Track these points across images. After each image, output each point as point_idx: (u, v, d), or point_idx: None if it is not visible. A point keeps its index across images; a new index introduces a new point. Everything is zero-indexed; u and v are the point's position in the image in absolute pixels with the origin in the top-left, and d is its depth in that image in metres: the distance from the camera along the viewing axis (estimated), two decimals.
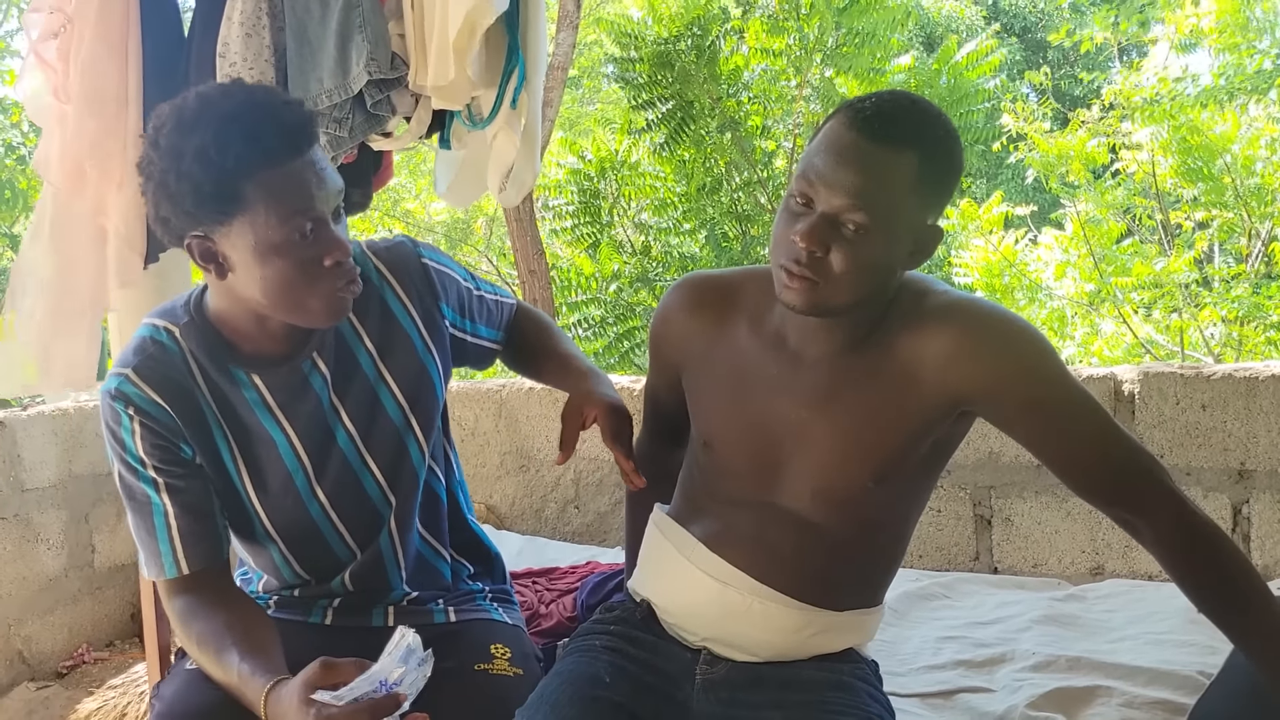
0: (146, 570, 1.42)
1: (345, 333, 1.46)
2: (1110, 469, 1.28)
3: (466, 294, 1.58)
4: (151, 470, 1.37)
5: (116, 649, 2.96)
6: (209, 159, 1.22)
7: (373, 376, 1.47)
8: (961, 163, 1.32)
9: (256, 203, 1.24)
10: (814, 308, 1.26)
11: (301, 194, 1.26)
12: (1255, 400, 2.45)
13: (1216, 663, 1.66)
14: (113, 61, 2.09)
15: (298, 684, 1.19)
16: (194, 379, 1.39)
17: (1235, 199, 6.67)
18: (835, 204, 1.21)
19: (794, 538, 1.35)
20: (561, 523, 3.18)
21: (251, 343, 1.40)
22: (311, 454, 1.45)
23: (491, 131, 2.21)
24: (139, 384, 1.37)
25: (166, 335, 1.40)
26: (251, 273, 1.28)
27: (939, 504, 2.77)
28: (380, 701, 1.16)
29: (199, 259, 1.30)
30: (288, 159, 1.26)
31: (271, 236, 1.26)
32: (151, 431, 1.37)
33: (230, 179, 1.23)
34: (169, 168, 1.24)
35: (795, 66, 6.89)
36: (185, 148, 1.23)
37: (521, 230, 6.20)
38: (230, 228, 1.26)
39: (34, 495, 2.77)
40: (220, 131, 1.22)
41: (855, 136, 1.22)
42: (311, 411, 1.44)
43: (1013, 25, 15.04)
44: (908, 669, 1.90)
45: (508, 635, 1.56)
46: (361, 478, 1.48)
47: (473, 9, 1.91)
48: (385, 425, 1.48)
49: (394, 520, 1.51)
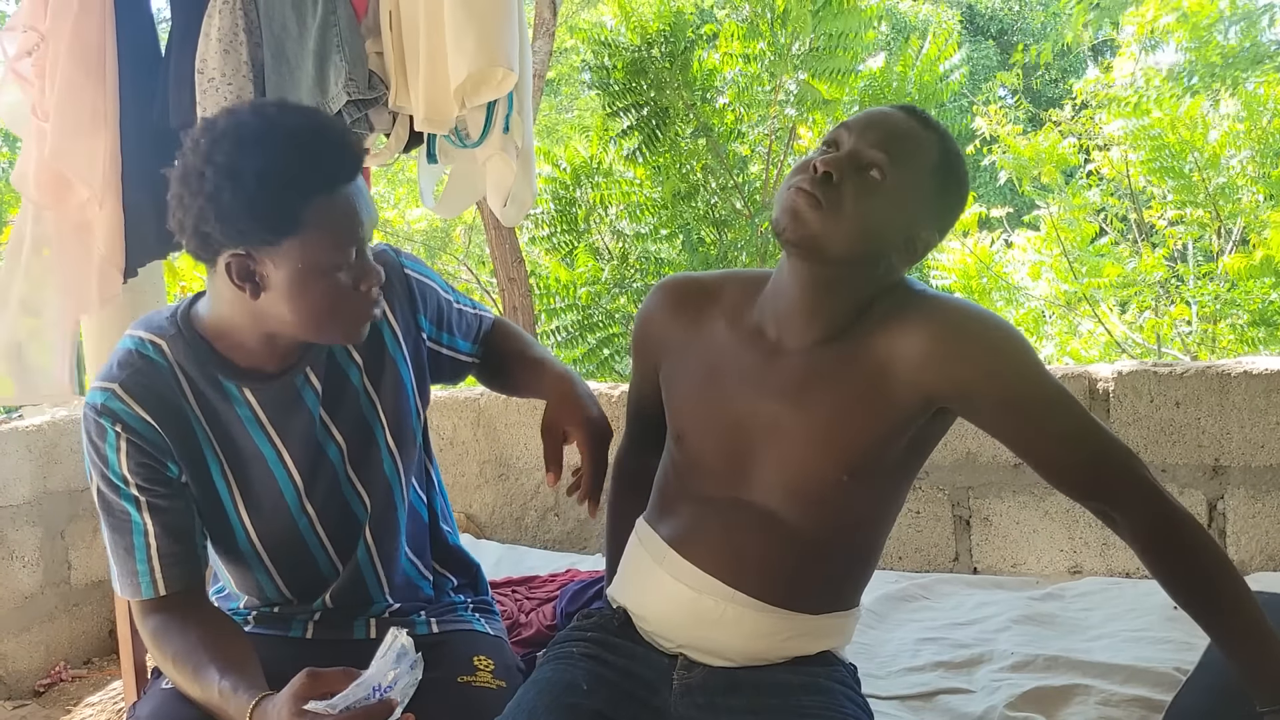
0: (120, 589, 1.39)
1: (336, 348, 1.45)
2: (1087, 463, 1.29)
3: (445, 306, 1.57)
4: (134, 489, 1.35)
5: (94, 666, 2.94)
6: (270, 180, 1.21)
7: (360, 390, 1.46)
8: (967, 189, 1.39)
9: (311, 227, 1.24)
10: (809, 238, 1.26)
11: (353, 220, 1.28)
12: (1228, 397, 2.47)
13: (1193, 659, 1.68)
14: (88, 81, 2.08)
15: (286, 697, 1.18)
16: (183, 394, 1.37)
17: (1205, 197, 6.73)
18: (864, 143, 1.28)
19: (766, 538, 1.35)
20: (542, 531, 3.18)
21: (248, 357, 1.38)
22: (303, 469, 1.43)
23: (484, 155, 2.22)
24: (126, 400, 1.33)
25: (153, 349, 1.37)
26: (288, 294, 1.27)
27: (917, 505, 2.78)
28: (373, 708, 1.15)
29: (235, 277, 1.27)
30: (344, 184, 1.27)
31: (320, 261, 1.26)
32: (138, 449, 1.34)
33: (290, 202, 1.22)
34: (224, 185, 1.21)
35: (770, 71, 6.91)
36: (245, 166, 1.21)
37: (500, 238, 6.20)
38: (279, 249, 1.25)
39: (8, 512, 2.75)
40: (285, 153, 1.22)
41: (890, 110, 1.34)
42: (304, 427, 1.42)
43: (988, 28, 15.15)
44: (887, 671, 1.91)
45: (490, 647, 1.55)
46: (345, 492, 1.47)
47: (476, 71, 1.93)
48: (369, 439, 1.47)
49: (369, 531, 1.49)
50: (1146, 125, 6.67)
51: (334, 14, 1.96)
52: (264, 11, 2.02)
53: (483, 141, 2.15)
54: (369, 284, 1.32)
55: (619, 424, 1.63)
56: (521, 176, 2.19)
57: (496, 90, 2.00)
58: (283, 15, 2.00)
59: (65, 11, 2.06)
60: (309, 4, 1.98)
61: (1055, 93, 12.82)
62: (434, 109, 2.01)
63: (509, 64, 1.94)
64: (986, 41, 14.65)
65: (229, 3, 2.01)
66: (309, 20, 1.98)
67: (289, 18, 2.00)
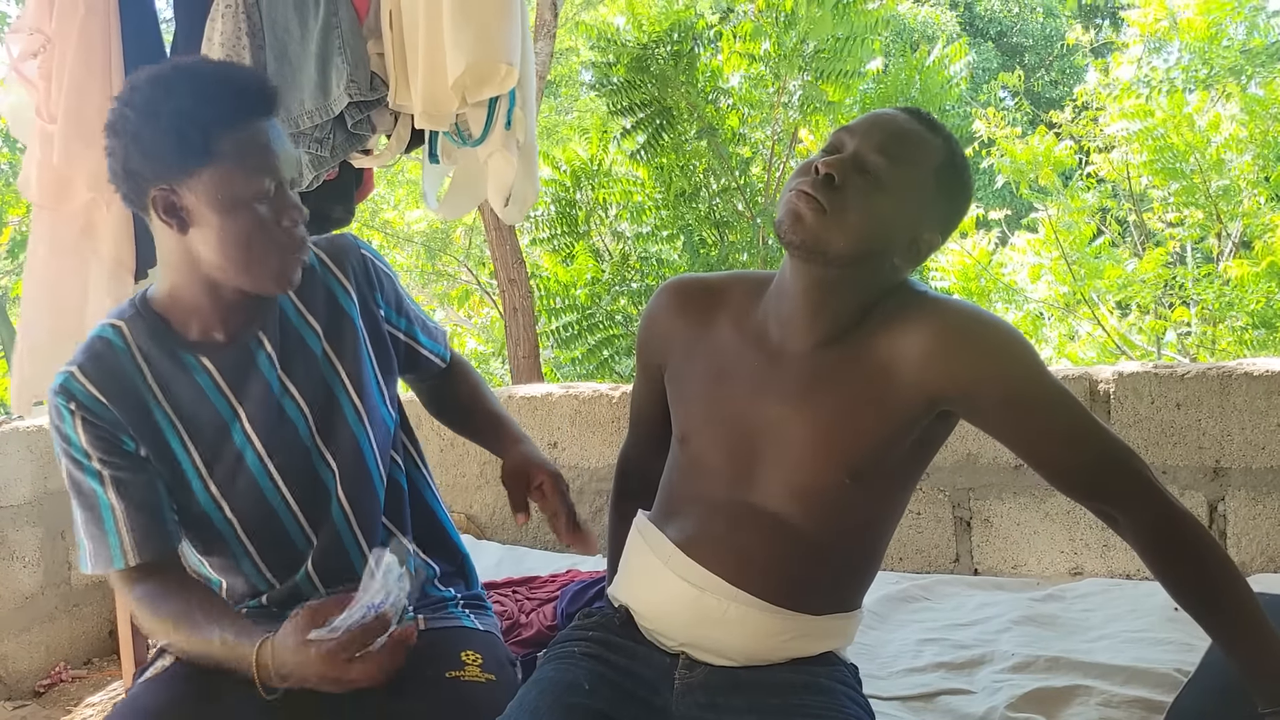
0: (92, 564, 1.42)
1: (290, 314, 1.50)
2: (1089, 463, 1.29)
3: (403, 295, 1.63)
4: (96, 463, 1.39)
5: (94, 667, 2.94)
6: (185, 111, 1.30)
7: (320, 355, 1.50)
8: (971, 191, 1.39)
9: (226, 155, 1.32)
10: (812, 239, 1.27)
11: (267, 152, 1.35)
12: (1229, 398, 2.48)
13: (1193, 660, 1.68)
14: (95, 83, 2.09)
15: (289, 629, 1.24)
16: (140, 373, 1.43)
17: (1206, 199, 6.74)
18: (867, 146, 1.28)
19: (770, 540, 1.35)
20: (542, 532, 3.18)
21: (199, 322, 1.43)
22: (263, 434, 1.47)
23: (485, 153, 2.21)
24: (82, 380, 1.40)
25: (113, 331, 1.44)
26: (212, 226, 1.34)
27: (918, 506, 2.78)
28: (369, 625, 1.21)
29: (161, 212, 1.34)
30: (257, 118, 1.35)
31: (236, 189, 1.33)
32: (92, 425, 1.39)
33: (205, 130, 1.31)
34: (145, 121, 1.31)
35: (774, 72, 6.91)
36: (162, 103, 1.31)
37: (501, 239, 6.20)
38: (199, 179, 1.32)
39: (8, 512, 2.75)
40: (198, 89, 1.33)
41: (893, 112, 1.34)
42: (261, 391, 1.46)
43: (987, 30, 15.16)
44: (888, 672, 1.91)
45: (479, 642, 1.55)
46: (312, 457, 1.50)
47: (475, 62, 1.93)
48: (331, 402, 1.51)
49: (343, 495, 1.50)
50: (1150, 126, 6.68)
51: (336, 16, 1.97)
52: (266, 14, 2.03)
53: (484, 139, 2.15)
54: (290, 219, 1.37)
55: (620, 425, 1.63)
56: (523, 173, 2.19)
57: (499, 86, 2.00)
58: (285, 18, 2.01)
59: (71, 14, 2.07)
60: (311, 7, 1.99)
61: (1056, 94, 12.83)
62: (432, 104, 2.01)
63: (510, 59, 1.94)
64: (986, 44, 14.66)
65: (232, 6, 2.02)
66: (311, 23, 1.99)
67: (291, 20, 2.01)
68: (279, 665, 1.24)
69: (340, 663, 1.20)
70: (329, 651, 1.20)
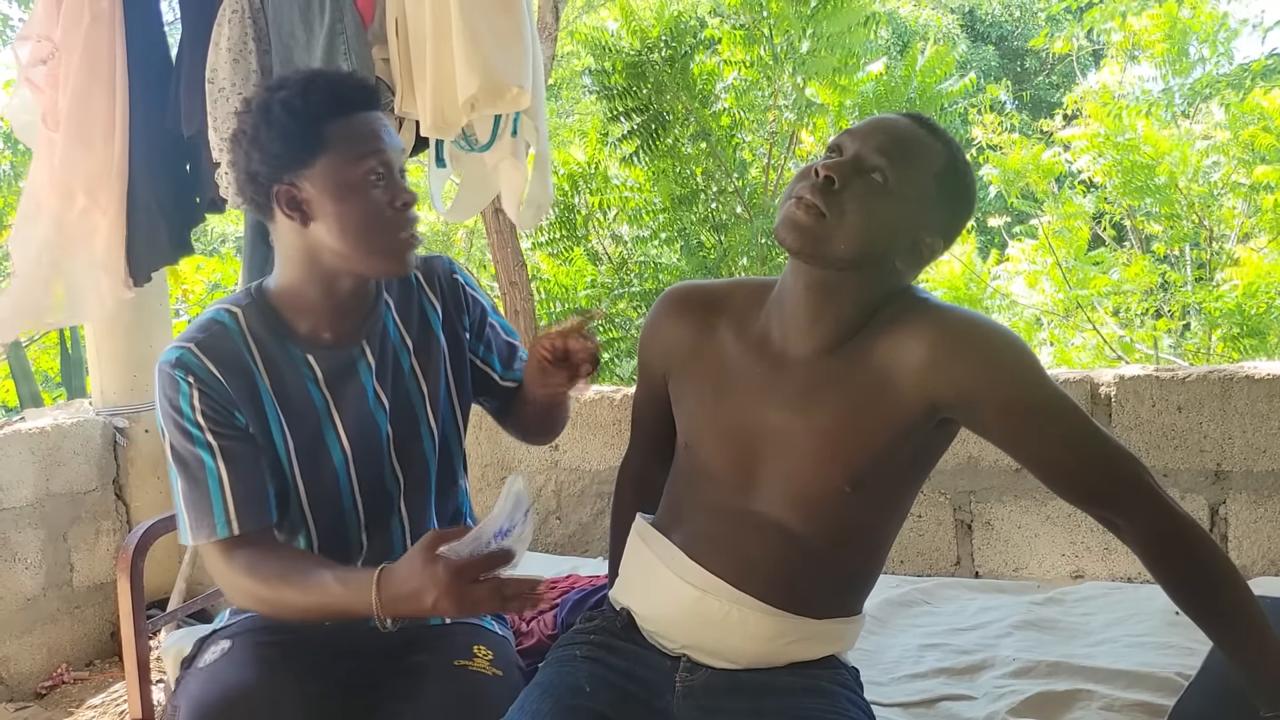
0: (193, 535, 1.44)
1: (390, 329, 1.57)
2: (1091, 469, 1.29)
3: (490, 321, 1.67)
4: (208, 434, 1.44)
5: (96, 669, 2.94)
6: (294, 107, 1.40)
7: (408, 371, 1.57)
8: (974, 196, 1.40)
9: (335, 144, 1.41)
10: (811, 244, 1.27)
11: (374, 137, 1.44)
12: (1230, 401, 2.48)
13: (1195, 664, 1.68)
14: (100, 92, 2.10)
15: (416, 550, 1.24)
16: (252, 356, 1.49)
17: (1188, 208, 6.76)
18: (867, 148, 1.29)
19: (772, 544, 1.36)
20: (544, 534, 3.18)
21: (310, 320, 1.51)
22: (352, 436, 1.53)
23: (493, 159, 2.22)
24: (199, 355, 1.45)
25: (228, 316, 1.51)
26: (331, 214, 1.42)
27: (919, 509, 2.79)
28: (496, 554, 1.21)
29: (285, 207, 1.43)
30: (360, 109, 1.45)
31: (348, 176, 1.41)
32: (208, 397, 1.44)
33: (314, 122, 1.40)
34: (259, 121, 1.41)
35: (768, 76, 6.91)
36: (273, 102, 1.41)
37: (502, 242, 6.20)
38: (314, 170, 1.41)
39: (11, 514, 2.75)
40: (304, 85, 1.42)
41: (895, 116, 1.35)
42: (358, 396, 1.53)
43: (989, 33, 15.16)
44: (889, 678, 1.91)
45: (493, 640, 1.58)
46: (384, 466, 1.55)
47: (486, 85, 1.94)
48: (413, 419, 1.56)
49: (404, 507, 1.56)
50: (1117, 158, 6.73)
51: (341, 21, 1.98)
52: (272, 20, 2.04)
53: (491, 146, 2.16)
54: (404, 200, 1.45)
55: (622, 427, 1.64)
56: (537, 179, 2.20)
57: (510, 106, 2.02)
58: (291, 23, 2.02)
59: (77, 21, 2.08)
60: (316, 12, 2.00)
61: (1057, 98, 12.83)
62: (441, 117, 2.03)
63: (520, 82, 1.96)
64: (987, 47, 14.66)
65: (238, 12, 2.03)
66: (316, 28, 2.00)
67: (297, 26, 2.02)
68: (403, 585, 1.24)
69: (466, 583, 1.20)
70: (458, 568, 1.20)
